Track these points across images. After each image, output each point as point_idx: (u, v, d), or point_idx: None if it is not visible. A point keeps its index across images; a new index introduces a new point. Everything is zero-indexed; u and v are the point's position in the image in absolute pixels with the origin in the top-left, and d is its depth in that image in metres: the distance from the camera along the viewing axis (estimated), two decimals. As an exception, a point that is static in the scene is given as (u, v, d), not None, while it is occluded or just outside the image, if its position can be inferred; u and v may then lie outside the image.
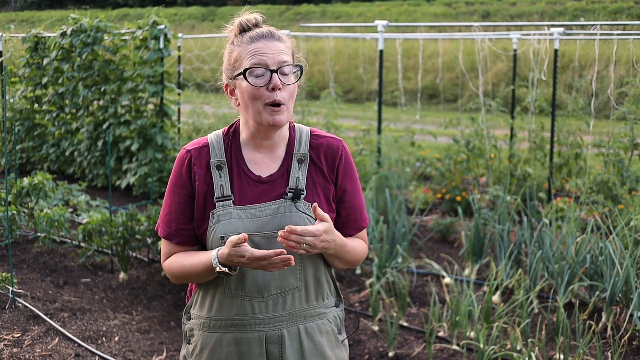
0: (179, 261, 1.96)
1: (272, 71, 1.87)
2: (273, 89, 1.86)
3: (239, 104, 1.95)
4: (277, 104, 1.87)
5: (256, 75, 1.87)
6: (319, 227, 1.83)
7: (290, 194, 1.93)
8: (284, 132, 1.99)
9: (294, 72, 1.92)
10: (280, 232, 1.78)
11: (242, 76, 1.89)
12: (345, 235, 2.05)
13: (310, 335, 1.97)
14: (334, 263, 2.01)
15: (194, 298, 2.02)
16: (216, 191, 1.93)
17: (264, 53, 1.87)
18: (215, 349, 1.95)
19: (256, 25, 1.94)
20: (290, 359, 1.94)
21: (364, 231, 2.10)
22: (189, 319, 2.03)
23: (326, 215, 1.87)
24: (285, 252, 1.77)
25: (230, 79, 1.95)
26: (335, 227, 2.03)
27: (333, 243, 1.89)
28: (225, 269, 1.84)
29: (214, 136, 2.00)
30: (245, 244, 1.79)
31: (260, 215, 1.91)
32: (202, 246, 1.99)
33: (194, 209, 1.95)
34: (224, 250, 1.83)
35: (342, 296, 2.09)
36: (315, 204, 1.84)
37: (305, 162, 1.97)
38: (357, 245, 2.04)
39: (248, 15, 1.95)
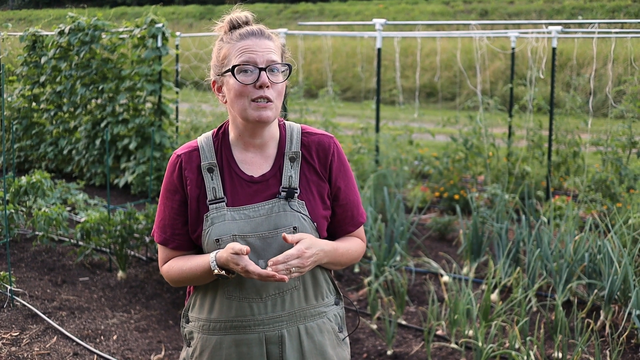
0: (177, 266, 1.96)
1: (261, 69, 1.86)
2: (261, 87, 1.85)
3: (226, 101, 1.94)
4: (263, 100, 1.85)
5: (244, 72, 1.86)
6: (299, 246, 1.82)
7: (283, 193, 1.92)
8: (274, 130, 1.98)
9: (282, 71, 1.91)
10: (268, 271, 1.77)
11: (230, 73, 1.88)
12: (344, 232, 2.04)
13: (311, 334, 1.96)
14: (330, 268, 2.01)
15: (192, 300, 2.01)
16: (209, 194, 1.92)
17: (253, 51, 1.86)
18: (215, 351, 1.94)
19: (246, 23, 1.93)
20: (290, 359, 1.93)
21: (362, 228, 2.09)
22: (187, 321, 2.02)
23: (301, 234, 1.85)
24: (276, 276, 1.77)
25: (218, 75, 1.94)
26: (333, 224, 2.02)
27: (322, 253, 1.88)
28: (223, 272, 1.84)
29: (204, 139, 1.99)
30: (245, 256, 1.79)
31: (254, 215, 1.90)
32: (199, 250, 1.99)
33: (188, 214, 1.95)
34: (222, 253, 1.82)
35: (341, 294, 2.08)
36: (283, 233, 1.82)
37: (297, 160, 1.96)
38: (351, 245, 2.03)
39: (239, 12, 1.94)
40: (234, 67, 1.86)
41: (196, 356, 1.97)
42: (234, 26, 1.93)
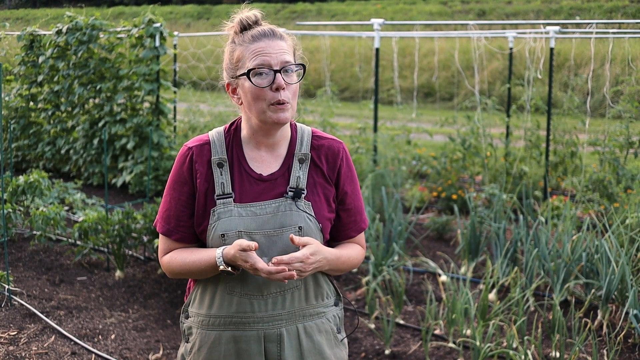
0: (180, 258, 1.96)
1: (276, 71, 1.86)
2: (277, 89, 1.86)
3: (241, 103, 1.95)
4: (281, 103, 1.87)
5: (259, 75, 1.87)
6: (305, 251, 1.84)
7: (290, 193, 1.93)
8: (286, 131, 1.99)
9: (296, 71, 1.92)
10: (271, 268, 1.79)
11: (245, 76, 1.89)
12: (346, 236, 2.05)
13: (309, 334, 1.97)
14: (330, 273, 2.03)
15: (193, 296, 2.02)
16: (217, 189, 1.93)
17: (267, 53, 1.87)
18: (213, 346, 1.94)
19: (256, 22, 1.94)
20: (288, 357, 1.93)
21: (363, 234, 2.11)
22: (187, 317, 2.03)
23: (309, 239, 1.87)
24: (287, 269, 1.78)
25: (233, 78, 1.94)
26: (335, 228, 2.04)
27: (325, 261, 1.90)
28: (228, 268, 1.85)
29: (215, 133, 2.00)
30: (253, 252, 1.80)
31: (261, 213, 1.91)
32: (200, 244, 1.99)
33: (194, 206, 1.95)
34: (229, 250, 1.83)
35: (341, 295, 2.09)
36: (291, 235, 1.85)
37: (306, 162, 1.97)
38: (352, 253, 2.05)
39: (247, 12, 1.94)
40: (249, 70, 1.87)
41: (195, 351, 1.98)
42: (244, 27, 1.93)
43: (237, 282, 1.92)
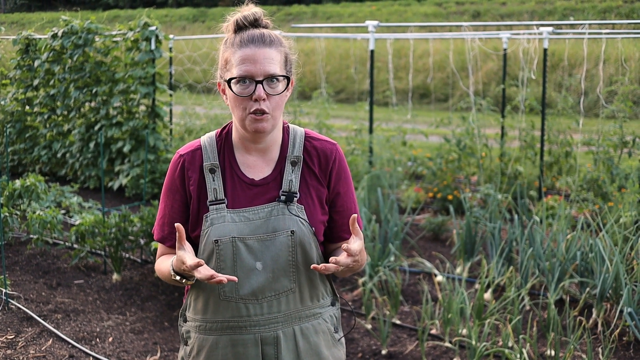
0: (160, 265, 2.00)
1: (257, 82, 1.83)
2: (257, 100, 1.84)
3: (229, 104, 1.96)
4: (260, 112, 1.84)
5: (242, 83, 1.84)
6: (357, 246, 1.80)
7: (283, 197, 1.92)
8: (277, 134, 1.97)
9: (282, 81, 1.88)
10: (331, 265, 1.77)
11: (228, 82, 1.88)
12: (340, 238, 2.03)
13: (306, 335, 1.97)
14: (344, 275, 2.00)
15: (188, 301, 2.02)
16: (209, 195, 1.92)
17: (252, 62, 1.83)
18: (211, 351, 1.95)
19: (255, 21, 1.89)
20: (285, 359, 1.95)
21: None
22: (185, 320, 2.04)
23: (361, 234, 1.83)
24: (202, 262, 1.74)
25: (222, 79, 1.94)
26: (329, 230, 2.02)
27: (361, 262, 1.88)
28: (177, 277, 1.86)
29: (207, 139, 1.98)
30: (186, 250, 1.79)
31: (254, 218, 1.90)
32: (197, 249, 1.99)
33: (188, 213, 1.96)
34: (174, 259, 1.85)
35: (338, 295, 2.09)
36: (354, 215, 1.80)
37: (298, 165, 1.95)
38: (364, 253, 2.05)
39: (246, 11, 1.90)
40: (231, 79, 1.85)
41: (193, 355, 1.99)
42: (239, 27, 1.89)
43: (231, 288, 1.91)
